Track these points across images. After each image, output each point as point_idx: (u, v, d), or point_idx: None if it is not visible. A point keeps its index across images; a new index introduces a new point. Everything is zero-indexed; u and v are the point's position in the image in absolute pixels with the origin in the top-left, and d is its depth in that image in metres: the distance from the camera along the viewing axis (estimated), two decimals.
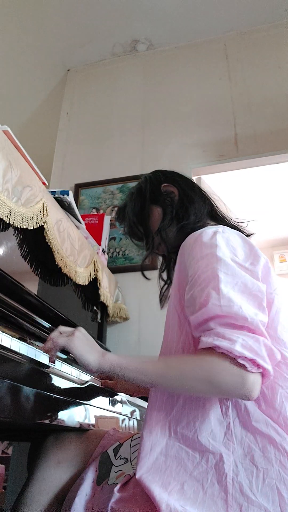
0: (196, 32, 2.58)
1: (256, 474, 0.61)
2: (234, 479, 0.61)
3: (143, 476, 0.65)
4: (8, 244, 1.00)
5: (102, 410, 1.01)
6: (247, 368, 0.59)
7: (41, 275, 1.16)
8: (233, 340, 0.60)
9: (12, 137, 1.02)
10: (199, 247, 0.74)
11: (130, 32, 2.61)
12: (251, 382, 0.60)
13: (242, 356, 0.59)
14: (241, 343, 0.60)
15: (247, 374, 0.59)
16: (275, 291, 0.76)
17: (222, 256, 0.70)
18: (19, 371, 0.65)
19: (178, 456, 0.66)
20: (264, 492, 0.60)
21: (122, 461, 0.81)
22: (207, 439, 0.65)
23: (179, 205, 0.95)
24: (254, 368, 0.59)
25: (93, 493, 0.76)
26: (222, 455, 0.63)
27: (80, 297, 1.47)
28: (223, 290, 0.65)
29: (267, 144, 2.19)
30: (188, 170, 2.23)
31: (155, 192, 0.99)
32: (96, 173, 2.40)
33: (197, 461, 0.65)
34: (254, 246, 0.79)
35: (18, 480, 1.60)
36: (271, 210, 3.25)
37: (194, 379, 0.64)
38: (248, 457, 0.63)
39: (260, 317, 0.65)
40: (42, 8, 2.43)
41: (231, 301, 0.64)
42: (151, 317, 1.90)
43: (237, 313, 0.63)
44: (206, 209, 0.96)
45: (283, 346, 0.70)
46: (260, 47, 2.47)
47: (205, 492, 0.62)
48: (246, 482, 0.61)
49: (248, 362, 0.59)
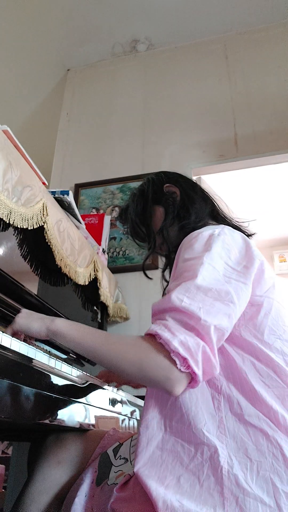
0: (196, 32, 2.58)
1: (250, 466, 0.62)
2: (229, 471, 0.62)
3: (140, 470, 0.66)
4: (8, 244, 1.00)
5: (102, 410, 1.01)
6: (176, 365, 0.60)
7: (41, 275, 1.16)
8: (175, 335, 0.62)
9: (12, 137, 1.02)
10: (192, 249, 0.76)
11: (130, 32, 2.61)
12: (175, 379, 0.61)
13: (176, 351, 0.60)
14: (181, 340, 0.61)
15: (174, 371, 0.61)
16: (266, 293, 0.76)
17: (209, 261, 0.71)
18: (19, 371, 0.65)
19: (174, 449, 0.67)
20: (259, 483, 0.61)
21: (122, 461, 0.81)
22: (201, 431, 0.66)
23: (181, 205, 0.97)
24: (183, 367, 0.60)
25: (92, 493, 0.76)
26: (216, 447, 0.64)
27: (80, 297, 1.47)
28: (193, 290, 0.67)
29: (267, 144, 2.19)
30: (188, 170, 2.23)
31: (157, 192, 1.01)
32: (96, 173, 2.40)
33: (193, 454, 0.65)
34: (251, 247, 0.79)
35: (18, 480, 1.60)
36: (271, 210, 3.25)
37: (126, 360, 0.66)
38: (241, 450, 0.63)
39: (222, 325, 0.65)
40: (42, 8, 2.43)
41: (194, 301, 0.65)
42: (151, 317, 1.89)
43: (193, 312, 0.64)
44: (207, 209, 0.97)
45: (269, 349, 0.71)
46: (260, 47, 2.47)
47: (201, 485, 0.62)
48: (241, 474, 0.61)
49: (179, 360, 0.60)
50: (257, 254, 0.78)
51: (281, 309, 0.77)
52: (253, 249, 0.79)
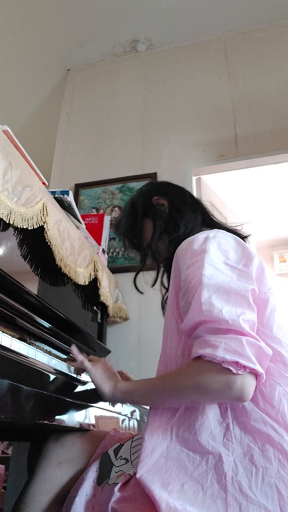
0: (196, 32, 2.58)
1: (255, 473, 0.62)
2: (233, 478, 0.61)
3: (143, 476, 0.66)
4: (8, 244, 1.00)
5: (102, 410, 1.01)
6: (232, 371, 0.61)
7: (41, 275, 1.16)
8: (216, 346, 0.62)
9: (12, 137, 1.02)
10: (190, 254, 0.77)
11: (130, 32, 2.61)
12: (238, 384, 0.61)
13: (225, 360, 0.61)
14: (224, 348, 0.62)
15: (234, 377, 0.61)
16: (270, 290, 0.76)
17: (209, 262, 0.72)
18: (19, 371, 0.65)
19: (179, 458, 0.67)
20: (264, 490, 0.60)
21: (122, 462, 0.81)
22: (206, 440, 0.66)
23: (169, 218, 0.97)
24: (240, 370, 0.61)
25: (93, 493, 0.76)
26: (221, 455, 0.64)
27: (80, 297, 1.47)
28: (204, 295, 0.68)
29: (267, 144, 2.19)
30: (188, 170, 2.23)
31: (146, 205, 1.02)
32: (96, 173, 2.40)
33: (197, 463, 0.65)
34: (247, 247, 0.80)
35: (18, 480, 1.60)
36: (271, 210, 3.25)
37: (186, 390, 0.67)
38: (247, 456, 0.63)
39: (247, 316, 0.66)
40: (42, 8, 2.43)
41: (212, 305, 0.66)
42: (151, 317, 1.89)
43: (218, 317, 0.65)
44: (198, 218, 0.97)
45: (279, 345, 0.71)
46: (260, 47, 2.47)
47: (205, 493, 0.62)
48: (246, 481, 0.61)
49: (232, 365, 0.61)
50: (254, 254, 0.79)
51: (283, 306, 0.77)
52: (249, 249, 0.79)
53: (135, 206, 1.04)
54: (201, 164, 2.27)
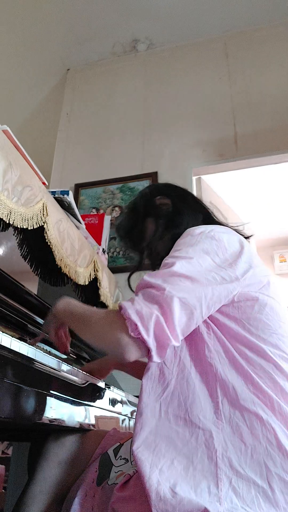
0: (196, 31, 2.58)
1: (244, 450, 0.63)
2: (223, 454, 0.63)
3: (137, 451, 0.67)
4: (8, 244, 1.00)
5: (102, 410, 1.01)
6: (128, 330, 0.63)
7: (41, 275, 1.16)
8: (134, 305, 0.65)
9: (12, 137, 1.02)
10: (182, 243, 0.79)
11: (130, 31, 2.61)
12: (125, 343, 0.64)
13: (129, 318, 0.64)
14: (137, 309, 0.64)
15: (125, 336, 0.64)
16: (260, 290, 0.76)
17: (192, 254, 0.74)
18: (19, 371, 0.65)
19: (168, 435, 0.68)
20: (253, 467, 0.61)
21: (122, 462, 0.81)
22: (197, 417, 0.67)
23: (171, 216, 0.98)
24: (134, 333, 0.63)
25: (93, 493, 0.76)
26: (211, 431, 0.65)
27: (80, 297, 1.47)
28: (166, 273, 0.70)
29: (267, 143, 2.19)
30: (188, 170, 2.23)
31: (149, 205, 1.03)
32: (96, 173, 2.40)
33: (187, 439, 0.66)
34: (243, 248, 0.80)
35: (18, 480, 1.60)
36: (271, 210, 3.25)
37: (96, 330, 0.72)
38: (236, 435, 0.64)
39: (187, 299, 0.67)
40: (42, 8, 2.43)
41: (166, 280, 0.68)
42: None
43: (159, 285, 0.67)
44: (199, 218, 0.98)
45: (262, 342, 0.72)
46: (261, 46, 2.47)
47: (195, 468, 0.63)
48: (235, 457, 0.62)
49: (131, 325, 0.63)
50: (249, 253, 0.78)
51: (276, 305, 0.77)
52: (246, 249, 0.79)
53: (137, 206, 1.05)
54: (201, 164, 2.27)
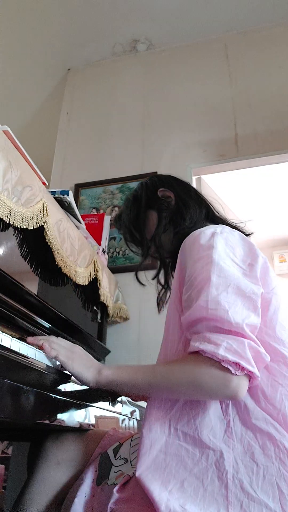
0: (197, 32, 2.58)
1: (256, 471, 0.62)
2: (234, 476, 0.61)
3: (142, 475, 0.65)
4: (8, 244, 1.00)
5: (102, 410, 1.01)
6: (231, 371, 0.61)
7: (41, 275, 1.16)
8: (218, 344, 0.62)
9: (12, 137, 1.02)
10: (197, 248, 0.76)
11: (131, 32, 2.61)
12: (234, 385, 0.62)
13: (226, 359, 0.61)
14: (225, 347, 0.62)
15: (231, 377, 0.62)
16: (273, 290, 0.76)
17: (217, 258, 0.72)
18: (19, 371, 0.65)
19: (178, 453, 0.66)
20: (265, 488, 0.60)
21: (121, 461, 0.81)
22: (207, 436, 0.66)
23: (175, 210, 0.96)
24: (238, 371, 0.61)
25: (92, 493, 0.76)
26: (222, 452, 0.64)
27: (80, 297, 1.47)
28: (213, 293, 0.67)
29: (267, 144, 2.19)
30: (188, 170, 2.23)
31: (151, 197, 1.00)
32: (96, 173, 2.39)
33: (197, 458, 0.65)
34: (253, 245, 0.79)
35: (18, 480, 1.60)
36: (271, 210, 3.25)
37: (180, 384, 0.67)
38: (248, 454, 0.63)
39: (251, 320, 0.66)
40: (43, 8, 2.42)
41: (219, 304, 0.65)
42: (151, 317, 1.89)
43: (222, 317, 0.64)
44: (203, 212, 0.96)
45: (282, 345, 0.71)
46: (261, 47, 2.47)
47: (205, 489, 0.62)
48: (247, 478, 0.61)
49: (232, 366, 0.61)
50: (260, 252, 0.78)
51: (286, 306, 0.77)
52: (255, 247, 0.79)
53: (138, 198, 1.02)
54: (201, 164, 2.26)
